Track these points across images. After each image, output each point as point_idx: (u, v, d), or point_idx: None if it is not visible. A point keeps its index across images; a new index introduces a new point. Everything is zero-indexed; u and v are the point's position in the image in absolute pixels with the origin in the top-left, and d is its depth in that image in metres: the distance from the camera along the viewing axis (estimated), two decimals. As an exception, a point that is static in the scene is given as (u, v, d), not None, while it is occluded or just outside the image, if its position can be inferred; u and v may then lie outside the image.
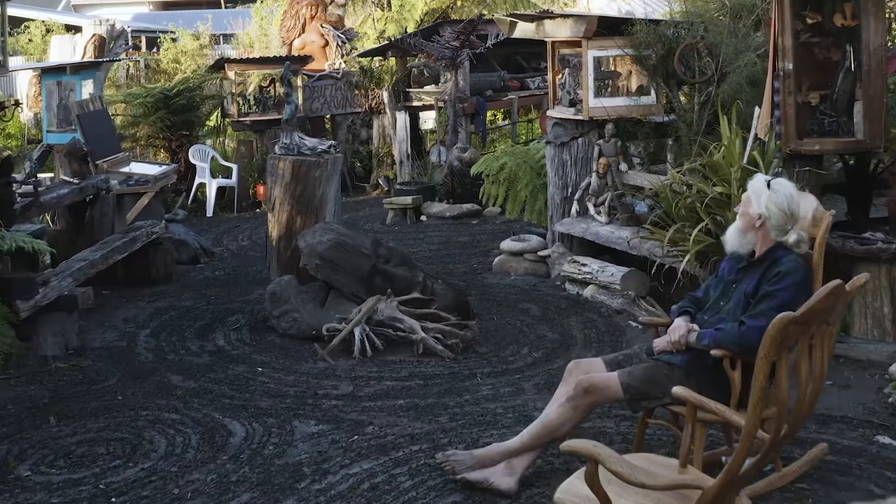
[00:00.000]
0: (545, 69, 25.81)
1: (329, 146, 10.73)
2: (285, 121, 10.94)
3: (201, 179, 20.15)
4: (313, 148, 10.64)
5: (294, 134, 10.70)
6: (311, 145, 10.70)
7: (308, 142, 10.75)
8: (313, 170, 10.59)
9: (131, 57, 38.95)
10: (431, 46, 18.79)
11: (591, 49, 11.88)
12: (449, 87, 18.83)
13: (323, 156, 10.66)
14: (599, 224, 11.82)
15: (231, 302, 12.04)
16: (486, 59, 21.34)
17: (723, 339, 5.93)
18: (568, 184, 12.38)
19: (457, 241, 15.15)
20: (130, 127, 20.54)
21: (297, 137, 10.70)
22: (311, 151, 10.64)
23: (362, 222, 17.52)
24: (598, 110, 11.89)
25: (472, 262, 13.59)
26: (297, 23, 22.80)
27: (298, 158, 10.62)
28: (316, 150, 10.64)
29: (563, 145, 12.34)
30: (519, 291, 11.85)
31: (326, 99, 21.85)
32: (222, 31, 39.81)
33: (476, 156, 17.06)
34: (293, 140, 10.64)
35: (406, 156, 19.73)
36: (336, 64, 22.33)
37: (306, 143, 10.70)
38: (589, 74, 11.88)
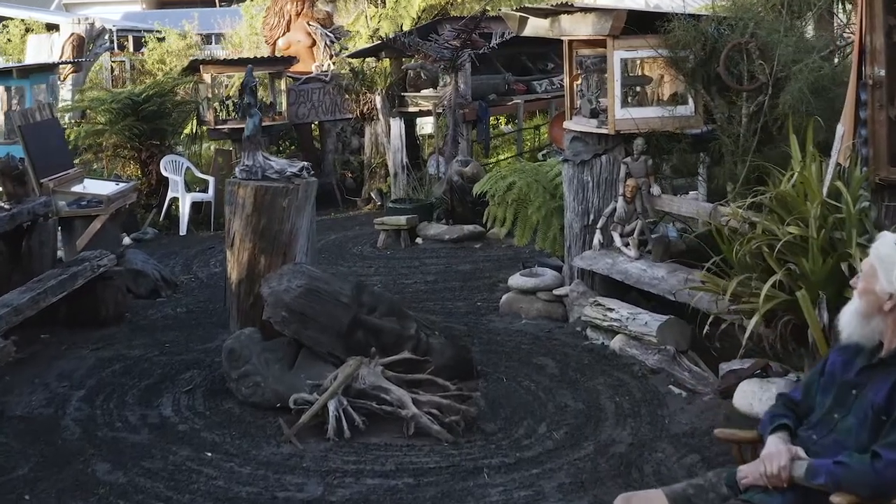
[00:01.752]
0: (553, 71, 24.22)
1: (301, 168, 8.88)
2: (247, 137, 9.08)
3: (174, 194, 18.25)
4: (281, 171, 8.79)
5: (258, 153, 8.84)
6: (279, 167, 8.85)
7: (275, 163, 8.90)
8: (280, 198, 8.74)
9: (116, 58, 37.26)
10: (429, 46, 16.89)
11: (618, 50, 10.04)
12: (448, 91, 16.94)
13: (293, 181, 8.79)
14: (628, 259, 9.94)
15: (188, 351, 10.25)
16: (489, 60, 19.49)
17: (848, 478, 4.10)
18: (589, 209, 10.52)
19: (457, 269, 13.31)
20: (94, 136, 18.59)
21: (262, 158, 8.85)
22: (278, 175, 8.80)
23: (350, 245, 15.64)
24: (626, 122, 10.04)
25: (476, 299, 11.74)
26: (282, 20, 20.92)
27: (262, 184, 8.76)
28: (284, 173, 8.80)
29: (584, 164, 10.49)
30: (532, 340, 9.98)
31: (314, 104, 19.99)
32: (209, 30, 38.04)
33: (479, 170, 15.18)
34: (256, 161, 8.79)
35: (401, 167, 17.82)
36: (324, 65, 20.49)
37: (272, 165, 8.85)
38: (615, 80, 10.03)
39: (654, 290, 9.33)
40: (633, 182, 10.09)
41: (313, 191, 9.12)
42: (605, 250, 10.29)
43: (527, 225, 12.09)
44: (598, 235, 10.36)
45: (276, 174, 8.87)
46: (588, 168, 10.49)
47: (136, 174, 18.75)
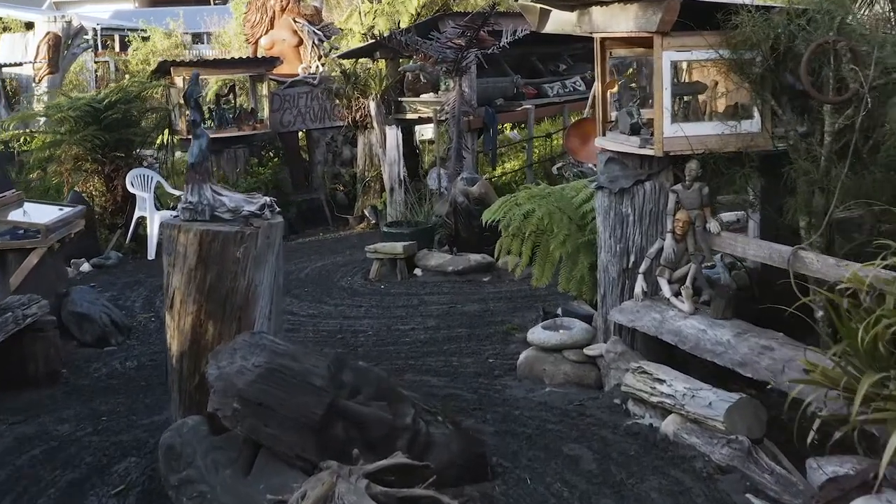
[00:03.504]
0: (565, 73, 22.31)
1: (262, 206, 6.83)
2: (190, 166, 7.07)
3: (142, 212, 16.24)
4: (235, 209, 6.80)
5: (205, 186, 6.82)
6: (233, 204, 6.85)
7: (228, 199, 6.90)
8: (233, 246, 6.74)
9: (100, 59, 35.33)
10: (429, 45, 14.91)
11: (667, 50, 8.03)
12: (451, 97, 14.91)
13: (251, 222, 6.73)
14: (680, 314, 7.90)
15: (130, 426, 8.37)
16: (496, 61, 17.58)
17: None
18: (629, 249, 8.51)
19: (463, 310, 11.34)
20: (52, 147, 16.56)
21: (211, 192, 6.82)
22: (231, 215, 6.79)
23: (339, 274, 13.66)
24: (678, 141, 8.06)
25: (487, 353, 9.74)
26: (265, 17, 18.93)
27: (210, 228, 6.70)
28: (239, 211, 6.81)
29: (623, 192, 8.49)
30: (559, 416, 7.98)
31: (300, 110, 18.10)
32: (195, 29, 36.13)
33: (487, 190, 13.19)
34: (203, 196, 6.80)
35: (398, 181, 15.84)
36: (312, 67, 18.54)
37: (224, 202, 6.85)
38: (664, 88, 7.98)
39: (720, 360, 7.30)
40: (684, 215, 8.08)
41: (278, 235, 7.09)
42: (650, 301, 8.26)
43: (547, 262, 10.07)
44: (640, 282, 8.34)
45: (230, 213, 6.87)
46: (628, 197, 8.47)
47: (100, 190, 16.71)
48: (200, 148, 6.96)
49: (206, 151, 7.00)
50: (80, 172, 16.68)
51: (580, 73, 21.35)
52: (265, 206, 6.95)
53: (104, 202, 16.72)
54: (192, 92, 7.05)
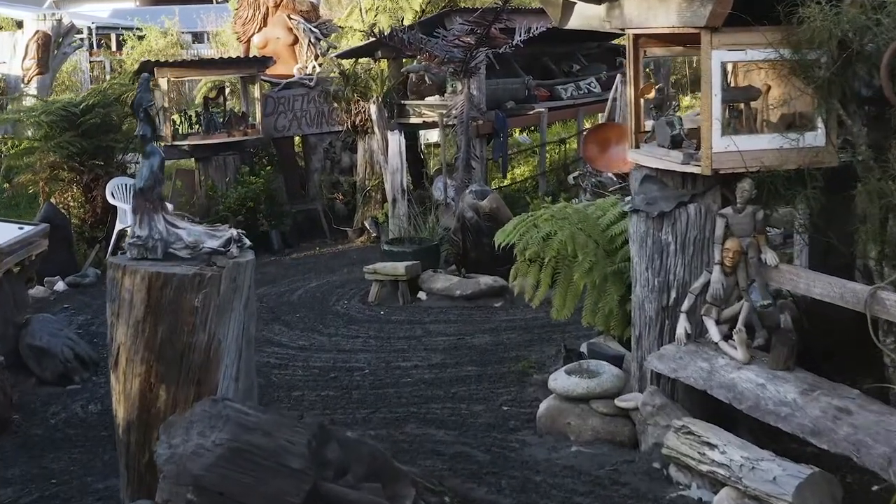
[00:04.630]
0: (579, 73, 21.08)
1: (227, 241, 5.58)
2: (139, 191, 5.80)
3: (123, 225, 14.96)
4: (194, 245, 5.57)
5: (156, 217, 5.56)
6: (191, 239, 5.64)
7: (185, 232, 5.67)
8: (189, 293, 5.44)
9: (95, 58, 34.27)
10: (434, 44, 13.68)
11: (717, 49, 6.80)
12: (459, 101, 13.64)
13: (214, 261, 5.48)
14: (733, 364, 6.66)
15: (82, 494, 7.32)
16: (507, 62, 16.33)
17: None
18: (670, 283, 7.27)
19: (472, 343, 10.11)
20: (25, 155, 15.32)
21: (164, 224, 5.55)
22: (189, 252, 5.51)
23: (335, 297, 12.46)
24: (729, 157, 6.82)
25: (500, 399, 8.51)
26: (257, 13, 17.71)
27: (161, 270, 5.44)
28: (199, 248, 5.55)
29: (662, 217, 7.20)
30: (589, 486, 6.77)
31: (295, 114, 16.91)
32: (192, 27, 34.99)
33: (499, 205, 11.97)
34: (154, 229, 5.54)
35: (401, 191, 14.57)
36: (308, 67, 17.25)
37: (181, 236, 5.62)
38: (714, 94, 6.73)
39: (786, 425, 6.08)
40: (734, 244, 6.86)
41: (248, 276, 5.83)
42: (695, 345, 7.01)
43: (569, 292, 8.81)
44: (683, 323, 7.10)
45: (187, 250, 5.64)
46: (668, 223, 7.22)
47: (78, 201, 15.47)
48: (151, 169, 5.72)
49: (159, 174, 5.76)
50: (56, 182, 15.41)
51: (595, 73, 20.16)
52: (231, 240, 5.70)
53: (83, 214, 15.49)
54: (140, 99, 5.80)
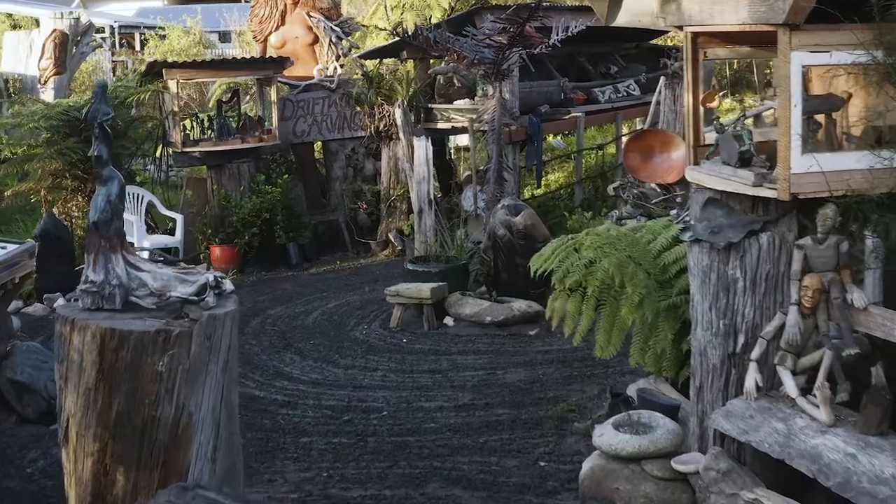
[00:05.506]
0: (617, 75, 20.00)
1: (202, 286, 4.56)
2: (93, 225, 4.78)
3: (129, 237, 13.94)
4: (161, 292, 4.51)
5: (115, 258, 4.57)
6: (158, 285, 4.62)
7: (150, 276, 4.66)
8: (150, 355, 4.41)
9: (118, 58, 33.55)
10: (464, 44, 12.63)
11: (798, 50, 5.75)
12: (490, 106, 12.59)
13: (186, 313, 4.47)
14: (815, 426, 5.60)
15: None
16: (541, 62, 15.23)
17: None
18: (737, 326, 6.24)
19: (504, 380, 9.12)
20: (24, 162, 14.39)
21: (124, 266, 4.54)
22: (154, 302, 4.49)
23: (354, 320, 11.52)
24: (811, 179, 5.75)
25: (536, 452, 7.52)
26: (274, 10, 16.65)
27: (116, 325, 4.43)
28: (166, 296, 4.50)
29: (730, 248, 6.13)
30: (643, 571, 5.63)
31: (315, 118, 15.93)
32: (214, 26, 34.10)
33: (534, 221, 10.95)
34: (112, 272, 4.55)
35: (427, 202, 13.53)
36: (329, 69, 16.25)
37: (145, 280, 4.62)
38: (794, 104, 5.68)
39: (890, 511, 4.97)
40: (814, 281, 5.82)
41: (228, 332, 4.81)
42: (768, 400, 5.97)
43: (615, 327, 7.77)
44: (753, 373, 6.06)
45: (152, 299, 4.63)
46: (736, 255, 6.17)
47: (83, 211, 14.51)
48: (108, 199, 4.72)
49: (118, 204, 4.76)
50: (59, 191, 14.47)
51: (634, 75, 19.08)
52: (207, 286, 4.67)
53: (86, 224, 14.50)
54: (95, 112, 4.79)
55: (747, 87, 33.41)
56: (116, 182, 4.77)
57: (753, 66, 34.79)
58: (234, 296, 4.91)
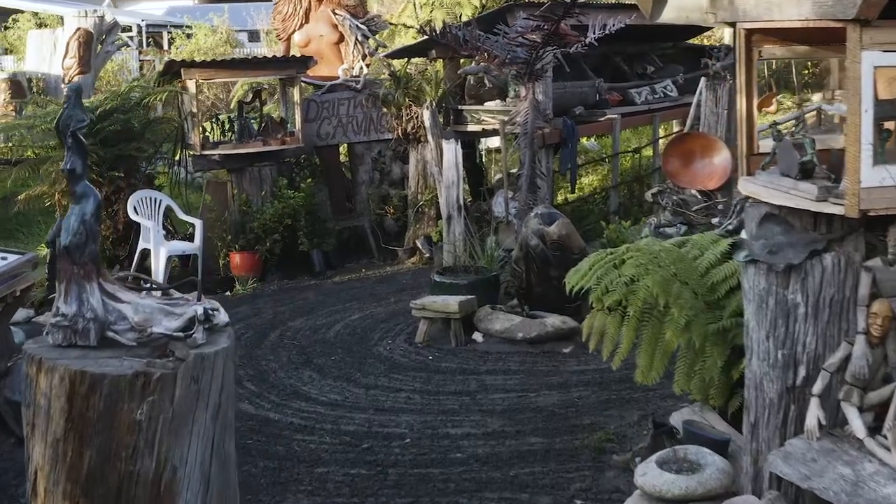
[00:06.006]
0: (654, 75, 19.36)
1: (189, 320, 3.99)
2: (64, 249, 4.18)
3: (146, 244, 13.49)
4: (142, 327, 3.96)
5: (89, 287, 4.05)
6: (140, 318, 4.08)
7: (129, 308, 4.13)
8: (127, 401, 3.87)
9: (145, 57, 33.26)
10: (495, 43, 12.06)
11: (869, 48, 5.15)
12: (523, 108, 12.00)
13: (171, 351, 3.91)
14: (887, 471, 5.01)
15: None
16: (575, 62, 14.62)
17: None
18: (798, 357, 5.65)
19: (536, 404, 8.54)
20: (38, 164, 13.91)
21: (100, 296, 4.01)
22: (135, 338, 3.95)
23: (378, 334, 11.01)
24: (885, 194, 5.17)
25: (572, 488, 7.00)
26: (298, 8, 16.13)
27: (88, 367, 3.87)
28: (147, 332, 3.94)
29: (790, 270, 5.52)
30: None
31: (340, 120, 15.38)
32: (241, 25, 33.69)
33: (569, 231, 10.35)
34: (86, 304, 4.03)
35: (456, 208, 12.95)
36: (355, 68, 15.69)
37: (125, 313, 4.09)
38: (864, 110, 5.07)
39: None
40: (884, 307, 5.21)
41: (221, 373, 4.24)
42: (832, 440, 5.36)
43: (658, 351, 7.15)
44: (815, 409, 5.44)
45: (132, 334, 4.07)
46: (797, 278, 5.56)
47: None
48: (83, 219, 4.15)
49: (94, 224, 4.19)
50: (73, 196, 13.94)
51: (671, 75, 18.44)
52: (196, 320, 4.09)
53: (103, 230, 14.01)
54: (67, 119, 4.20)
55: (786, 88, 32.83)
56: (92, 200, 4.20)
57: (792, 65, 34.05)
58: (230, 329, 4.34)
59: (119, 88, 24.25)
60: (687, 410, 7.22)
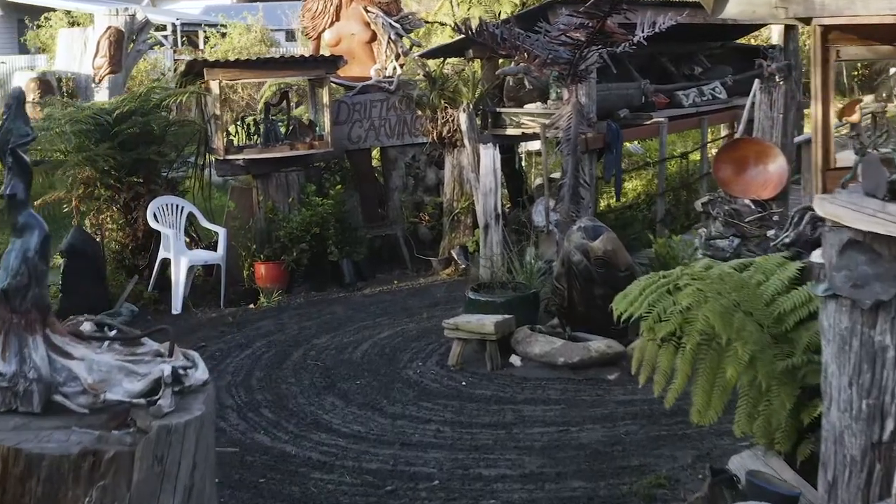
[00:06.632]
0: (702, 76, 18.55)
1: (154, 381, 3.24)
2: (2, 293, 3.46)
3: (167, 253, 12.84)
4: (97, 389, 3.19)
5: (33, 340, 3.29)
6: (95, 379, 3.29)
7: (82, 365, 3.41)
8: (71, 487, 3.17)
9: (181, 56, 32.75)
10: (535, 42, 11.34)
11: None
12: (565, 113, 11.24)
13: (132, 420, 3.17)
14: None
15: None
16: (620, 63, 13.82)
17: None
18: (885, 408, 4.98)
19: (579, 441, 7.80)
20: (53, 169, 13.31)
21: (45, 351, 3.28)
22: (87, 403, 3.21)
23: (408, 355, 10.37)
24: None
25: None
26: (329, 5, 15.43)
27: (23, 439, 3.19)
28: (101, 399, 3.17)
29: (878, 307, 4.72)
30: None
31: (373, 123, 14.69)
32: (277, 25, 33.17)
33: (616, 248, 9.56)
34: (28, 361, 3.33)
35: (493, 217, 12.24)
36: (388, 69, 14.98)
37: (75, 372, 3.33)
38: (972, 122, 4.30)
39: None
40: None
41: (193, 447, 3.50)
42: (930, 508, 4.55)
43: (716, 388, 6.37)
44: (910, 473, 4.64)
45: (85, 398, 3.31)
46: (886, 316, 4.82)
47: (118, 223, 13.42)
48: (25, 256, 3.44)
49: (39, 263, 3.47)
50: (92, 201, 13.33)
51: (720, 77, 17.62)
52: (162, 382, 3.37)
53: (122, 238, 13.43)
54: (6, 134, 3.47)
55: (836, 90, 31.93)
56: (37, 233, 3.49)
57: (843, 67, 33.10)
58: (209, 389, 3.61)
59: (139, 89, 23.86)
60: (748, 455, 6.44)
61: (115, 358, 3.58)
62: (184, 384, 3.50)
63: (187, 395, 3.54)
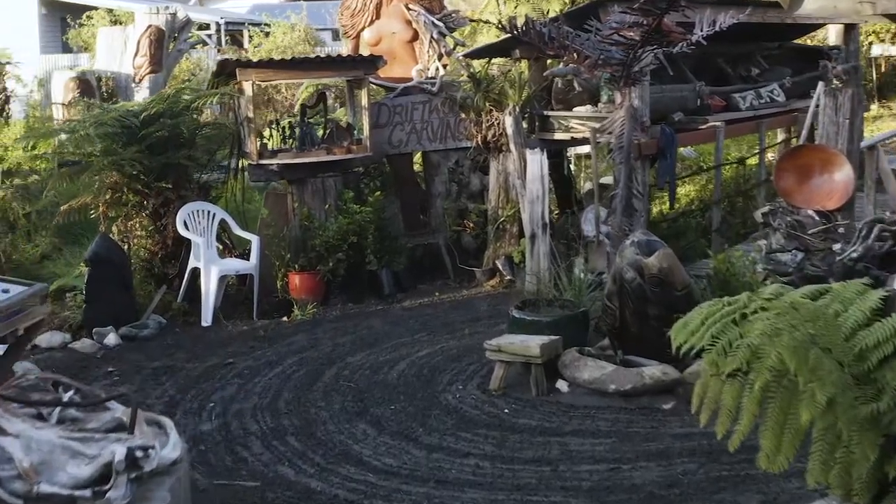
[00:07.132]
0: (760, 78, 17.80)
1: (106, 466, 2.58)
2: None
3: (197, 262, 12.31)
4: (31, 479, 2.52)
5: None
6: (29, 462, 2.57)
7: (17, 444, 2.69)
8: None
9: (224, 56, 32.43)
10: (586, 41, 10.66)
11: None
12: (617, 118, 10.56)
13: None
14: None
15: None
16: (675, 63, 13.16)
17: None
18: None
19: (632, 482, 7.19)
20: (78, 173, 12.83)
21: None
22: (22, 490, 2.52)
23: (448, 376, 9.83)
24: None
25: None
26: (369, 3, 14.82)
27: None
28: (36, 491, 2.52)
29: None
30: None
31: (415, 126, 14.15)
32: (321, 24, 32.73)
33: (671, 265, 8.86)
34: None
35: (541, 226, 11.64)
36: (430, 69, 14.42)
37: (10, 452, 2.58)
38: None
39: None
40: None
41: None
42: None
43: (787, 430, 5.64)
44: None
45: (20, 486, 2.64)
46: None
47: (148, 230, 12.92)
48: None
49: None
50: (120, 206, 12.84)
51: (778, 79, 16.87)
52: (114, 468, 2.73)
53: (151, 246, 12.92)
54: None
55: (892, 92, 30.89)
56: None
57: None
58: (180, 469, 2.98)
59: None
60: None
61: (58, 435, 2.94)
62: (142, 468, 2.86)
63: (149, 480, 2.91)
